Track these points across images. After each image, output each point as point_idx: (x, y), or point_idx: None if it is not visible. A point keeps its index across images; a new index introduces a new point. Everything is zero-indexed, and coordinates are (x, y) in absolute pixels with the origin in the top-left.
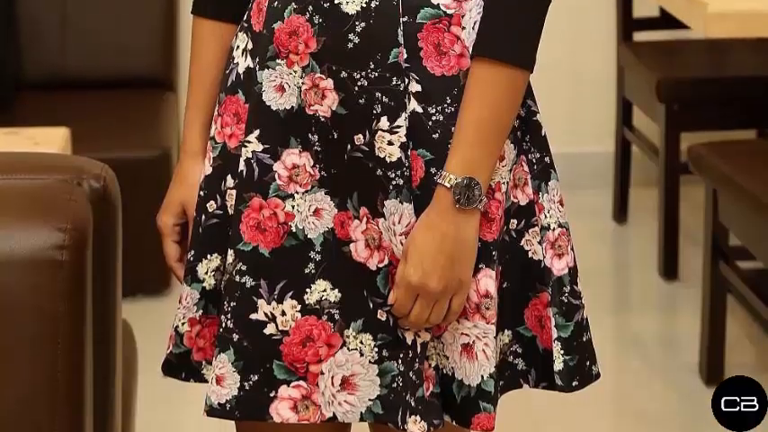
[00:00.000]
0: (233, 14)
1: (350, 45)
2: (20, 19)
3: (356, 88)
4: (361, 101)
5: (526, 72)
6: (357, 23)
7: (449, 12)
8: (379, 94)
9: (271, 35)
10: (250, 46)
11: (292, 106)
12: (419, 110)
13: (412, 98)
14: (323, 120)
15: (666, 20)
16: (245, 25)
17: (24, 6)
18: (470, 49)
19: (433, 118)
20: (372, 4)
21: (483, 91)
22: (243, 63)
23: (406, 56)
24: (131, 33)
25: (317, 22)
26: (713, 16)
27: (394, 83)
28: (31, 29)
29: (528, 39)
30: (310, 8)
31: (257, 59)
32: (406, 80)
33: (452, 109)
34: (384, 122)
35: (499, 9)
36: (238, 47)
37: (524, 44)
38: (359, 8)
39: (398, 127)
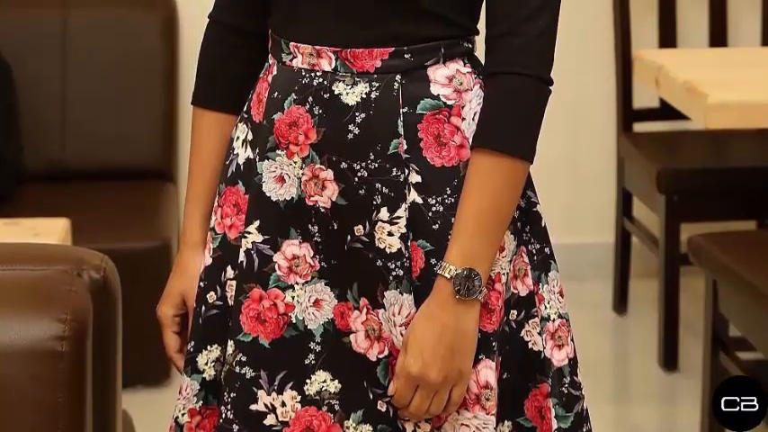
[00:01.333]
0: (233, 105)
1: (350, 136)
2: (21, 111)
3: (356, 179)
4: (361, 191)
5: (526, 163)
6: (357, 114)
7: (449, 103)
8: (380, 185)
9: (271, 126)
10: (250, 137)
11: (292, 197)
12: (419, 200)
13: (412, 189)
14: (323, 210)
15: (666, 111)
16: (245, 116)
17: (25, 99)
18: (470, 140)
19: (433, 209)
20: (372, 95)
21: (483, 182)
22: (243, 154)
23: (406, 147)
24: (131, 124)
25: (316, 113)
26: (713, 107)
27: (394, 174)
28: (32, 121)
29: (528, 130)
30: (310, 99)
31: (257, 150)
32: (406, 171)
33: (452, 200)
34: (384, 213)
35: (499, 100)
36: (238, 138)
37: (524, 135)
38: (359, 99)
39: (398, 218)
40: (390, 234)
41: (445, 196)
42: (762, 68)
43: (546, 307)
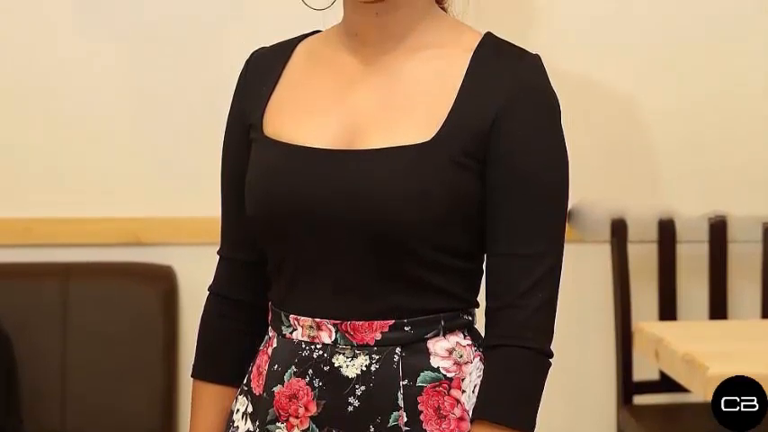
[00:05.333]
0: (233, 378)
1: (350, 408)
2: (20, 383)
3: None
4: None
5: None
6: (357, 387)
7: (449, 375)
8: None
9: (271, 398)
10: (250, 409)
11: None
12: None
13: None
14: None
15: (667, 383)
16: (245, 388)
17: (24, 369)
18: (470, 413)
19: None
20: (372, 368)
21: None
22: (243, 426)
23: (406, 419)
24: (131, 396)
25: (317, 385)
26: (714, 380)
27: None
28: (32, 391)
29: (528, 402)
30: (310, 371)
31: (257, 423)
32: None
33: None
34: None
35: (499, 372)
36: (238, 410)
37: (525, 407)
38: (359, 371)
39: None
40: None
41: None
42: (762, 341)
43: None
